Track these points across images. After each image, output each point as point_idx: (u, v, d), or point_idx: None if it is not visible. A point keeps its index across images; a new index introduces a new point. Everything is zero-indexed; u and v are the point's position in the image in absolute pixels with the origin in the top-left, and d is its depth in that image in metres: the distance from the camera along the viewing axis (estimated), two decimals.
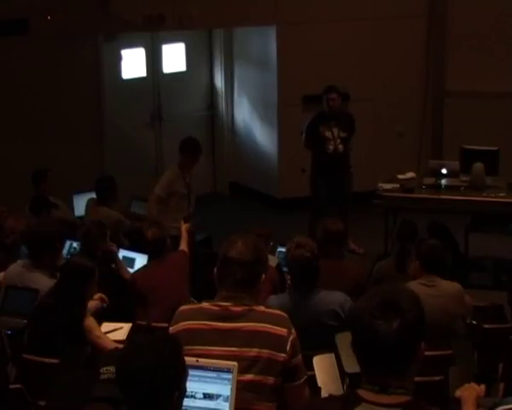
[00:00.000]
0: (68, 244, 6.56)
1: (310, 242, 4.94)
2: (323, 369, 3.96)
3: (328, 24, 10.36)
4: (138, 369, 2.48)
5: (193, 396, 3.04)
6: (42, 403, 4.31)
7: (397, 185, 8.59)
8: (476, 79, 10.38)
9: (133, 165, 10.46)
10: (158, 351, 2.52)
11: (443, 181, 8.60)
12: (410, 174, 8.93)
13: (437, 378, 4.39)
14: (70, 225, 7.28)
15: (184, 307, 3.39)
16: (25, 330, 5.09)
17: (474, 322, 5.56)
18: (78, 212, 8.37)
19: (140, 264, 6.64)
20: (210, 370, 3.09)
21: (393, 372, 2.33)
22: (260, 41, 10.97)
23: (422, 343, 2.36)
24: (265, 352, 3.21)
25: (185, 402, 2.67)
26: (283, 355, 3.22)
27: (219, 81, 11.62)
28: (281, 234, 7.24)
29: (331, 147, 8.87)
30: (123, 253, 6.81)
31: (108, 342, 4.80)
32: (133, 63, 10.82)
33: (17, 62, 9.55)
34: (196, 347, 3.20)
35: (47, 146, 9.54)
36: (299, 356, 3.30)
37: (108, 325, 5.26)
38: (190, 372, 2.72)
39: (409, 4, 10.68)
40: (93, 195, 7.92)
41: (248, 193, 11.35)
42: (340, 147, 8.89)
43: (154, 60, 11.05)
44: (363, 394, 2.35)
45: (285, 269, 5.56)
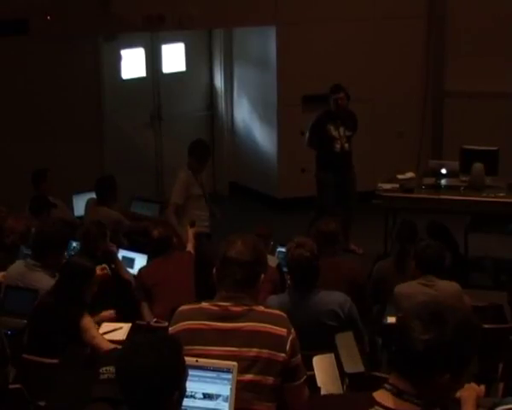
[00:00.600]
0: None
1: (310, 242, 4.95)
2: (323, 369, 3.96)
3: (327, 24, 10.36)
4: (138, 369, 2.48)
5: (192, 396, 3.04)
6: (41, 403, 4.31)
7: (396, 185, 8.58)
8: (476, 79, 10.38)
9: (133, 165, 10.45)
10: (158, 351, 2.52)
11: (443, 181, 8.59)
12: (410, 174, 8.93)
13: None
14: (69, 225, 7.28)
15: (184, 307, 3.39)
16: (24, 330, 5.09)
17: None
18: (77, 212, 8.35)
19: (140, 264, 6.65)
20: (210, 370, 3.09)
21: (416, 378, 2.37)
22: (260, 41, 10.96)
23: (450, 375, 2.36)
24: (265, 352, 3.21)
25: (185, 402, 2.67)
26: (283, 355, 3.22)
27: (219, 81, 11.62)
28: (281, 234, 7.24)
29: (338, 146, 8.89)
30: (122, 253, 6.82)
31: (104, 342, 4.79)
32: (133, 63, 10.81)
33: (17, 62, 9.55)
34: (196, 347, 3.20)
35: (47, 146, 9.54)
36: (298, 356, 3.30)
37: (108, 325, 5.27)
38: (190, 372, 2.72)
39: (409, 4, 10.68)
40: (93, 195, 7.90)
41: (248, 193, 11.34)
42: (346, 145, 8.94)
43: (154, 60, 11.04)
44: (379, 395, 2.42)
45: (285, 269, 5.56)
